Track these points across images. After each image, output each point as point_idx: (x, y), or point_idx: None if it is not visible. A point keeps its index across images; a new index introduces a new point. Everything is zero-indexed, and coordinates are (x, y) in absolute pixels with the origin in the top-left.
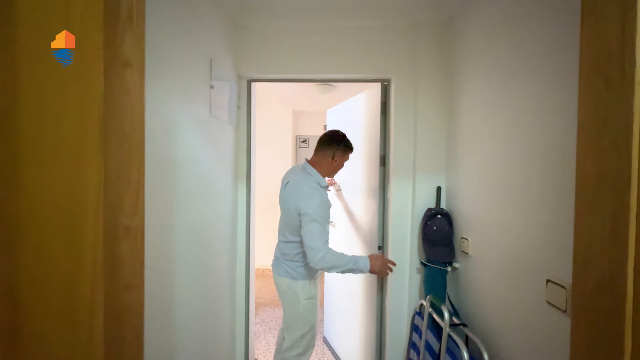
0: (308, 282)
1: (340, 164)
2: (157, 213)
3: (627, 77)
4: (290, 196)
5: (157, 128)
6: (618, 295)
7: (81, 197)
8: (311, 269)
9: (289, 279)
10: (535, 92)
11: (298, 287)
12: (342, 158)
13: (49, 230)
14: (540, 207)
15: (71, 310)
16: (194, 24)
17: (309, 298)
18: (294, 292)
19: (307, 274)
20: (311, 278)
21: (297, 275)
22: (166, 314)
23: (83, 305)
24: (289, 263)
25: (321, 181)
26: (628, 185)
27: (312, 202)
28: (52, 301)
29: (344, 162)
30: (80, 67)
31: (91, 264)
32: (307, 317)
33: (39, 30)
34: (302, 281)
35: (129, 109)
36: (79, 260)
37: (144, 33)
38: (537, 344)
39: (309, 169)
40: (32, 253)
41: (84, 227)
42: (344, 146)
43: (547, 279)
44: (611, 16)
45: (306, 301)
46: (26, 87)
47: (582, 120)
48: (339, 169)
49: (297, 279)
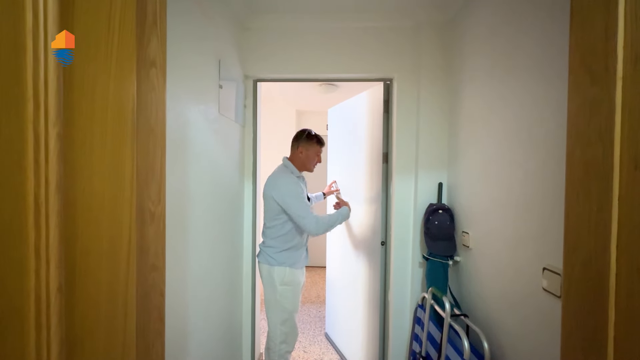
0: (286, 268)
1: (309, 155)
2: (173, 204)
3: (610, 72)
4: (266, 185)
5: (172, 124)
6: (603, 273)
7: (121, 181)
8: (290, 256)
9: (267, 266)
10: (534, 89)
11: (275, 273)
12: (308, 149)
13: (97, 208)
14: (537, 199)
15: (112, 282)
16: (205, 26)
17: (285, 284)
18: (271, 278)
19: (285, 260)
20: (290, 265)
21: (274, 261)
22: (180, 300)
23: (120, 278)
24: (267, 250)
25: (294, 171)
26: (611, 172)
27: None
28: (98, 271)
29: (313, 152)
30: (119, 67)
31: (127, 242)
32: (283, 304)
33: (89, 36)
34: (278, 267)
35: (154, 105)
36: (119, 237)
37: (166, 35)
38: (535, 331)
39: (286, 162)
40: (85, 227)
41: (122, 208)
42: (306, 138)
43: (543, 267)
44: (596, 17)
45: (282, 287)
46: (80, 84)
47: (571, 113)
48: (310, 160)
49: (274, 265)
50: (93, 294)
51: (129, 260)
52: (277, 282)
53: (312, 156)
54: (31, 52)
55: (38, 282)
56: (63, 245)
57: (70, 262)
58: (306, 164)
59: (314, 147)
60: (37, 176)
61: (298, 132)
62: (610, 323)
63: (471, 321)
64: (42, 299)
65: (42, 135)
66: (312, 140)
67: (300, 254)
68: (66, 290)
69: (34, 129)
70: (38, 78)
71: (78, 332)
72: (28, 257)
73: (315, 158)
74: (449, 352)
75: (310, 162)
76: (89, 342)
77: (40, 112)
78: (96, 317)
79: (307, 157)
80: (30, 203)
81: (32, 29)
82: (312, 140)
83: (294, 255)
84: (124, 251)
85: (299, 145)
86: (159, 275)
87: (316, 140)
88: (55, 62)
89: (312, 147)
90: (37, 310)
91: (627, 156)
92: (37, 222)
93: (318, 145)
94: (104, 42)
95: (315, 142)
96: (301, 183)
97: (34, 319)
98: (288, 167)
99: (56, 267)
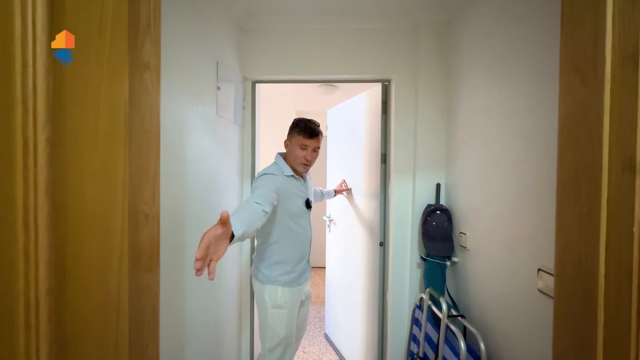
0: (278, 288)
1: (293, 148)
2: (169, 205)
3: (598, 74)
4: None
5: (169, 126)
6: (592, 274)
7: (113, 183)
8: (285, 273)
9: (258, 283)
10: (529, 90)
11: (265, 292)
12: (292, 141)
13: (88, 211)
14: (532, 200)
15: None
16: (202, 28)
17: (277, 307)
18: (262, 297)
19: (276, 278)
20: (282, 284)
21: (264, 277)
22: (176, 302)
23: (112, 280)
24: (257, 261)
25: (285, 169)
26: (599, 173)
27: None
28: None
29: (295, 144)
30: (111, 72)
31: (119, 244)
32: (275, 329)
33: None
34: (269, 285)
35: (148, 107)
36: (111, 239)
37: (160, 39)
38: (530, 332)
39: (278, 159)
40: (75, 229)
41: (114, 211)
42: (291, 129)
43: (538, 268)
44: (585, 19)
45: (273, 310)
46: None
47: (562, 114)
48: (294, 153)
49: (265, 282)
50: (84, 295)
51: (121, 261)
52: (269, 303)
53: (296, 150)
54: (20, 58)
55: (27, 284)
56: (53, 247)
57: (60, 264)
58: (295, 158)
59: (296, 137)
60: (26, 179)
61: None
62: (600, 324)
63: (468, 322)
64: (32, 300)
65: (31, 139)
66: (295, 129)
67: (294, 273)
68: (56, 291)
69: (22, 133)
70: (27, 84)
71: (69, 332)
72: (17, 259)
73: (299, 152)
74: (445, 353)
75: (294, 158)
76: (80, 343)
77: (29, 117)
78: (87, 318)
79: (291, 152)
80: (19, 206)
81: (20, 35)
82: (294, 130)
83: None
84: (116, 253)
85: (286, 138)
86: (153, 277)
87: (299, 128)
88: (45, 68)
89: (294, 138)
90: (27, 311)
91: (615, 158)
92: (26, 225)
93: (301, 134)
94: (94, 47)
95: (297, 132)
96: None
97: (23, 319)
98: (279, 164)
99: (45, 269)
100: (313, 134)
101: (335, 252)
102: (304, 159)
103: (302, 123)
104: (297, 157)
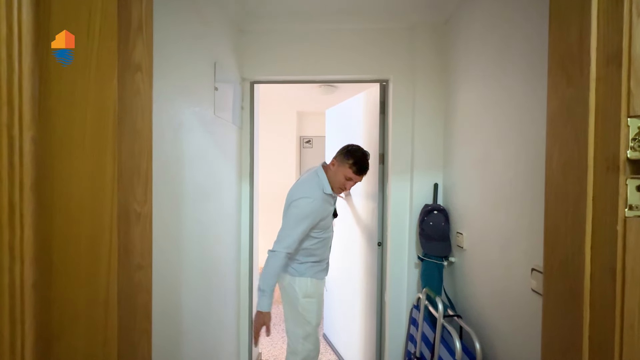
0: (307, 279)
1: (337, 173)
2: (166, 205)
3: (584, 74)
4: (289, 192)
5: (165, 126)
6: (578, 273)
7: (101, 182)
8: (312, 267)
9: (288, 276)
10: (524, 90)
11: (296, 284)
12: (340, 168)
13: (76, 209)
14: (526, 199)
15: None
16: (200, 28)
17: (307, 297)
18: (293, 289)
19: (307, 271)
20: (311, 276)
21: (295, 272)
22: (173, 300)
23: (101, 277)
24: (290, 262)
25: (325, 186)
26: (585, 172)
27: (301, 201)
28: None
29: (342, 174)
30: (100, 72)
31: (108, 242)
32: (307, 317)
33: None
34: (299, 278)
35: (139, 108)
36: (100, 237)
37: (152, 40)
38: (525, 331)
39: (320, 172)
40: (61, 227)
41: (102, 209)
42: (345, 154)
43: (532, 268)
44: (572, 19)
45: (304, 299)
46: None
47: (550, 114)
48: (337, 178)
49: (295, 275)
50: (71, 291)
51: (110, 258)
52: (300, 294)
53: (339, 177)
54: (5, 61)
55: (12, 279)
56: (38, 243)
57: (46, 260)
58: (334, 180)
59: (346, 169)
60: (12, 178)
61: (346, 145)
62: (585, 322)
63: (465, 322)
64: (17, 294)
65: (17, 138)
66: (348, 160)
67: (322, 266)
68: (42, 287)
69: (8, 132)
70: (12, 85)
71: (55, 327)
72: (2, 254)
73: (343, 181)
74: (442, 353)
75: (335, 182)
76: (68, 338)
77: (15, 117)
78: (75, 314)
79: (334, 175)
80: (5, 204)
81: (6, 38)
82: (348, 160)
83: (315, 266)
84: (104, 250)
85: (335, 157)
86: (145, 274)
87: (352, 162)
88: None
89: (343, 167)
90: (12, 305)
91: (600, 157)
92: (12, 222)
93: (352, 169)
94: (82, 49)
95: (349, 164)
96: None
97: (8, 314)
98: (320, 178)
99: (30, 265)
100: (364, 172)
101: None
102: (345, 188)
103: (359, 159)
104: (339, 184)
